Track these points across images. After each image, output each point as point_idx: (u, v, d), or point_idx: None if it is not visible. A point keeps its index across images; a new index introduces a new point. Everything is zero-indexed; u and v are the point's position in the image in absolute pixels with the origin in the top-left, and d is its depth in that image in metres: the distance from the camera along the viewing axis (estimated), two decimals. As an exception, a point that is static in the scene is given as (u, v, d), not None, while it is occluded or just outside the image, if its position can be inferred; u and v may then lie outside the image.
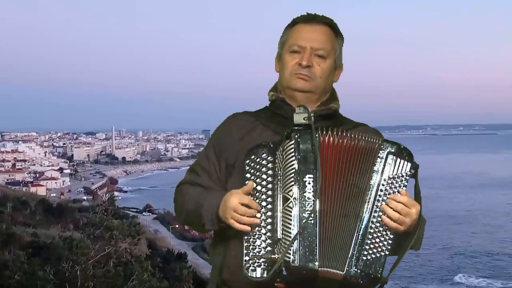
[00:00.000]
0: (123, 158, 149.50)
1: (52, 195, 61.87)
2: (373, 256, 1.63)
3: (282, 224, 1.62)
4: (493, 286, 34.37)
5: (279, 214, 1.64)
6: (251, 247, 1.65)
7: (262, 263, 1.63)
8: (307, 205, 1.60)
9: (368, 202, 1.65)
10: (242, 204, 1.65)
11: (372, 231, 1.64)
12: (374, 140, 1.69)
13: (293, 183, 1.62)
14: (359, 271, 1.61)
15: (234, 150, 1.82)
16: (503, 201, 67.20)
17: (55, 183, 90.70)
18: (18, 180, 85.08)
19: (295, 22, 1.87)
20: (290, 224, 1.60)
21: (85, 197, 64.67)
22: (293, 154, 1.64)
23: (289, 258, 1.58)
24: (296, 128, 1.68)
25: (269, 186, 1.67)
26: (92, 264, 8.70)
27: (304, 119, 1.70)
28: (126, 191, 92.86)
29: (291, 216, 1.61)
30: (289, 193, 1.62)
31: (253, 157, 1.70)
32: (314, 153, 1.63)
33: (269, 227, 1.65)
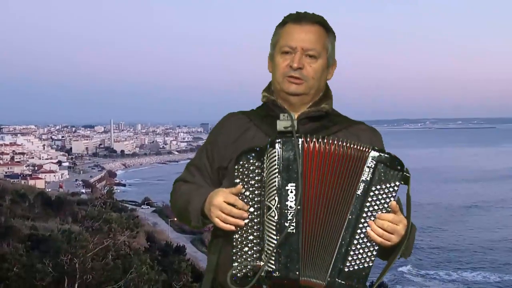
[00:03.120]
0: (122, 151, 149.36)
1: (48, 190, 61.77)
2: (356, 268, 1.61)
3: (266, 234, 1.62)
4: (489, 280, 34.50)
5: (264, 221, 1.63)
6: (239, 253, 1.65)
7: (248, 271, 1.63)
8: (289, 214, 1.58)
9: (354, 212, 1.61)
10: (228, 203, 1.65)
11: (356, 242, 1.61)
12: (364, 149, 1.63)
13: (275, 192, 1.60)
14: (341, 282, 1.59)
15: (228, 152, 1.82)
16: (502, 193, 67.33)
17: (54, 176, 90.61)
18: (17, 173, 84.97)
19: (285, 22, 1.85)
20: (272, 234, 1.59)
21: (83, 190, 64.60)
22: (275, 162, 1.61)
23: (271, 268, 1.58)
24: (280, 136, 1.65)
25: (257, 192, 1.66)
26: (91, 257, 8.72)
27: (284, 127, 1.68)
28: (124, 184, 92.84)
29: (273, 225, 1.60)
30: (271, 202, 1.60)
31: (242, 162, 1.68)
32: (296, 160, 1.61)
33: (256, 234, 1.65)
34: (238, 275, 1.64)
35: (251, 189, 1.66)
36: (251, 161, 1.67)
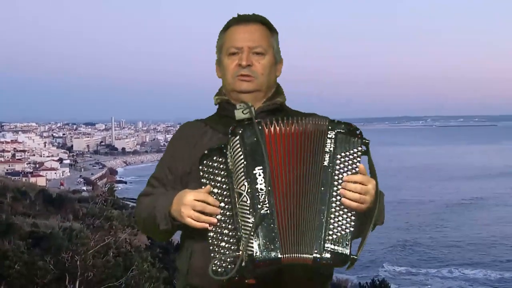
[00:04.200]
0: (123, 148, 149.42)
1: (49, 187, 61.84)
2: (338, 234, 1.62)
3: (240, 220, 1.63)
4: (490, 277, 34.50)
5: (237, 211, 1.64)
6: (216, 249, 1.66)
7: (229, 263, 1.63)
8: (261, 197, 1.60)
9: (325, 183, 1.64)
10: (199, 201, 1.67)
11: (334, 210, 1.63)
12: (322, 122, 1.68)
13: (243, 177, 1.62)
14: (327, 251, 1.61)
15: (188, 158, 1.84)
16: (503, 191, 67.28)
17: (55, 173, 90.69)
18: (18, 170, 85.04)
19: (228, 25, 1.89)
20: (247, 218, 1.61)
21: (84, 188, 64.62)
22: (240, 149, 1.64)
23: (252, 251, 1.59)
24: (240, 124, 1.69)
25: (225, 186, 1.68)
26: (92, 254, 8.72)
27: (243, 112, 1.72)
28: (125, 182, 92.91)
29: (247, 210, 1.61)
30: (241, 188, 1.63)
31: (205, 162, 1.70)
32: (259, 144, 1.63)
33: (230, 226, 1.66)
34: (219, 269, 1.64)
35: (218, 185, 1.68)
36: (214, 158, 1.69)
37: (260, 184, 1.61)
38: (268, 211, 1.60)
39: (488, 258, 38.56)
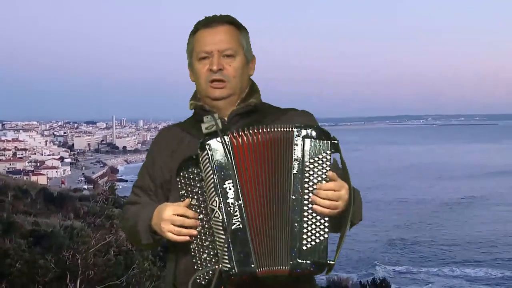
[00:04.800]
0: (124, 147, 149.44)
1: (50, 186, 61.87)
2: (314, 243, 1.61)
3: (215, 235, 1.63)
4: (491, 276, 34.48)
5: (212, 226, 1.65)
6: (199, 261, 1.67)
7: (212, 276, 1.63)
8: (232, 211, 1.60)
9: (295, 191, 1.63)
10: (178, 215, 1.67)
11: (306, 219, 1.62)
12: (288, 129, 1.65)
13: (214, 193, 1.62)
14: (304, 261, 1.61)
15: (168, 165, 1.84)
16: (504, 189, 67.22)
17: (56, 172, 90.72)
18: (19, 169, 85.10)
19: (196, 29, 1.87)
20: (221, 234, 1.61)
21: (85, 186, 64.62)
22: (209, 164, 1.64)
23: (227, 267, 1.60)
24: (208, 138, 1.67)
25: (201, 198, 1.68)
26: (93, 253, 8.72)
27: (206, 128, 1.71)
28: (126, 180, 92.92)
29: (219, 226, 1.61)
30: (213, 204, 1.63)
31: (182, 173, 1.70)
32: (227, 157, 1.62)
33: (210, 238, 1.66)
34: (203, 282, 1.65)
35: (196, 196, 1.68)
36: (190, 169, 1.69)
37: (231, 198, 1.61)
38: (241, 225, 1.60)
39: (489, 257, 38.56)
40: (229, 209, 1.61)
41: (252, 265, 1.59)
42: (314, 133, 1.65)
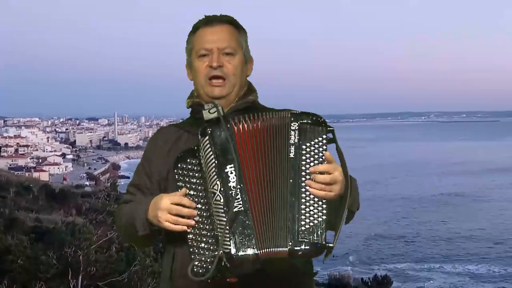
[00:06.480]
0: (126, 144, 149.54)
1: (52, 182, 61.94)
2: (312, 224, 1.64)
3: (216, 219, 1.65)
4: (494, 272, 34.49)
5: (212, 211, 1.66)
6: (196, 251, 1.67)
7: (209, 263, 1.64)
8: (234, 194, 1.63)
9: (293, 175, 1.66)
10: (175, 204, 1.68)
11: (304, 201, 1.65)
12: (285, 115, 1.70)
13: (216, 177, 1.65)
14: (302, 242, 1.62)
15: (164, 164, 1.85)
16: (506, 186, 67.20)
17: (58, 168, 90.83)
18: (21, 165, 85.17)
19: (196, 27, 1.90)
20: (222, 217, 1.63)
21: (87, 183, 64.74)
22: (210, 149, 1.66)
23: (228, 249, 1.61)
24: (209, 124, 1.70)
25: (200, 188, 1.70)
26: (95, 249, 8.73)
27: (210, 112, 1.72)
28: (128, 177, 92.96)
29: (221, 209, 1.63)
30: (214, 188, 1.65)
31: (180, 165, 1.72)
32: (229, 142, 1.65)
33: (208, 227, 1.68)
34: (200, 270, 1.65)
35: (193, 186, 1.70)
36: (188, 160, 1.71)
37: (232, 182, 1.63)
38: (242, 208, 1.63)
39: (492, 254, 38.56)
40: (230, 192, 1.63)
41: (254, 247, 1.61)
42: (310, 119, 1.70)
